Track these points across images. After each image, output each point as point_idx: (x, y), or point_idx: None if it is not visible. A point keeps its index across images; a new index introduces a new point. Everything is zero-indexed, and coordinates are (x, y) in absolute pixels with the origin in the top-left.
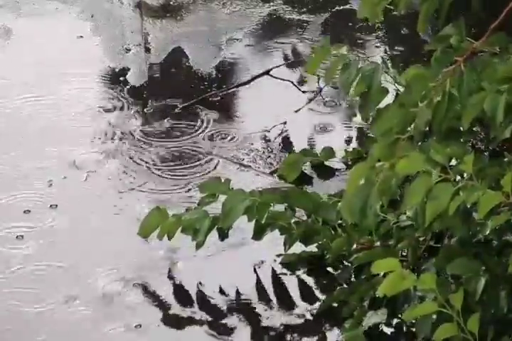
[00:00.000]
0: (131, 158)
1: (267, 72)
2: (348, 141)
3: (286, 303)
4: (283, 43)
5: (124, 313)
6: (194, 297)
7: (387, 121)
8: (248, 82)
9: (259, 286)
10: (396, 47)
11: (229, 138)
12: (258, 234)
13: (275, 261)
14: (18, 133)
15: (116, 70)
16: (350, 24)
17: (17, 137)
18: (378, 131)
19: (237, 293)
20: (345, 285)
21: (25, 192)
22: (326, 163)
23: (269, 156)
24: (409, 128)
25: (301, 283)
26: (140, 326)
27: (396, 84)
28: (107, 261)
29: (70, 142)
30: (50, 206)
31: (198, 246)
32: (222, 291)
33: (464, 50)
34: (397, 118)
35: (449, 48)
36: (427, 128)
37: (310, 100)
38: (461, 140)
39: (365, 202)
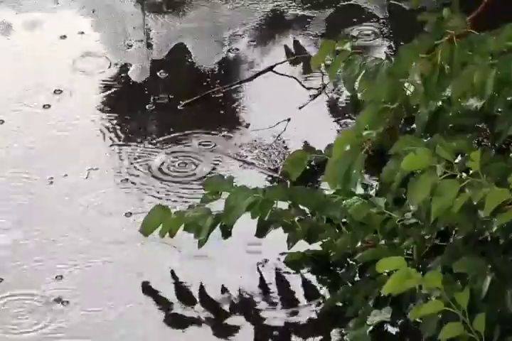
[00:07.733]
0: (133, 157)
1: (271, 69)
2: None
3: (290, 302)
4: (286, 39)
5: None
6: (197, 296)
7: (376, 89)
8: (251, 79)
9: (263, 285)
10: (400, 43)
11: (232, 135)
12: (261, 231)
13: (279, 259)
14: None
15: (118, 66)
16: (354, 20)
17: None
18: (366, 98)
19: (241, 291)
20: (349, 284)
21: None
22: None
23: (273, 153)
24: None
25: (305, 282)
26: (142, 325)
27: None
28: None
29: (72, 142)
30: None
31: (201, 244)
32: (225, 290)
33: (455, 22)
34: (386, 88)
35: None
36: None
37: (314, 97)
38: (467, 136)
39: (348, 168)
